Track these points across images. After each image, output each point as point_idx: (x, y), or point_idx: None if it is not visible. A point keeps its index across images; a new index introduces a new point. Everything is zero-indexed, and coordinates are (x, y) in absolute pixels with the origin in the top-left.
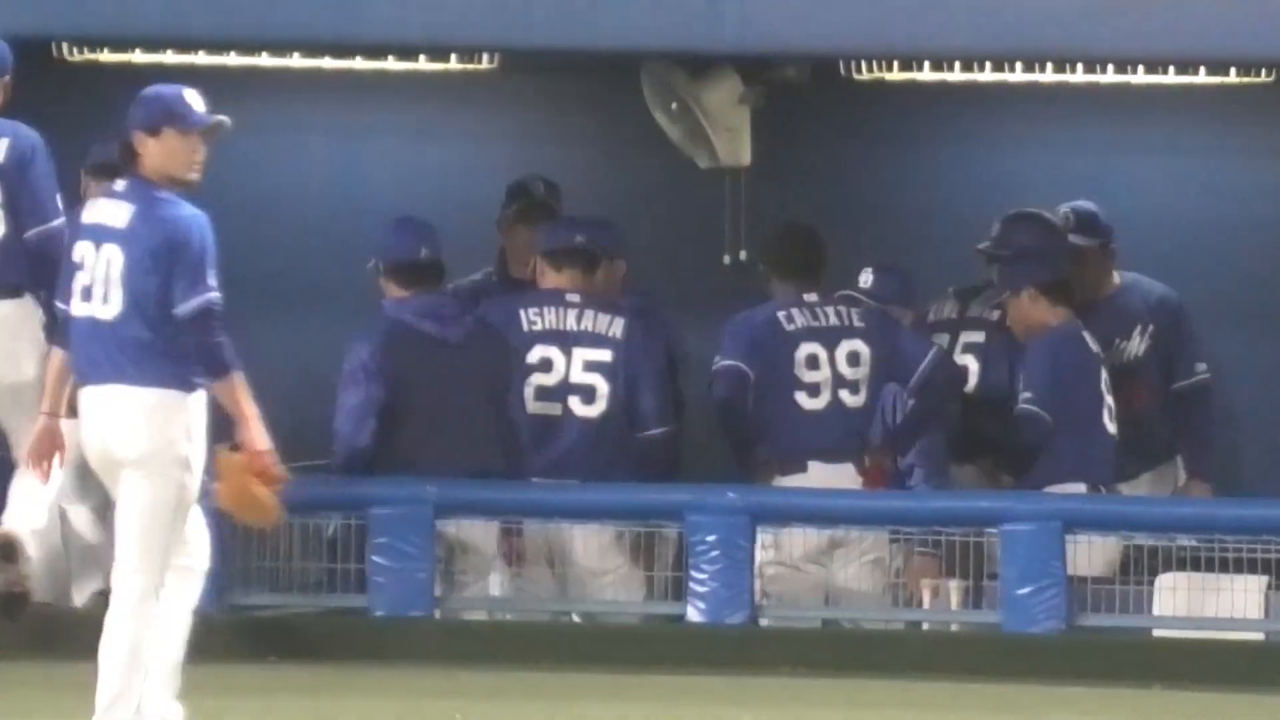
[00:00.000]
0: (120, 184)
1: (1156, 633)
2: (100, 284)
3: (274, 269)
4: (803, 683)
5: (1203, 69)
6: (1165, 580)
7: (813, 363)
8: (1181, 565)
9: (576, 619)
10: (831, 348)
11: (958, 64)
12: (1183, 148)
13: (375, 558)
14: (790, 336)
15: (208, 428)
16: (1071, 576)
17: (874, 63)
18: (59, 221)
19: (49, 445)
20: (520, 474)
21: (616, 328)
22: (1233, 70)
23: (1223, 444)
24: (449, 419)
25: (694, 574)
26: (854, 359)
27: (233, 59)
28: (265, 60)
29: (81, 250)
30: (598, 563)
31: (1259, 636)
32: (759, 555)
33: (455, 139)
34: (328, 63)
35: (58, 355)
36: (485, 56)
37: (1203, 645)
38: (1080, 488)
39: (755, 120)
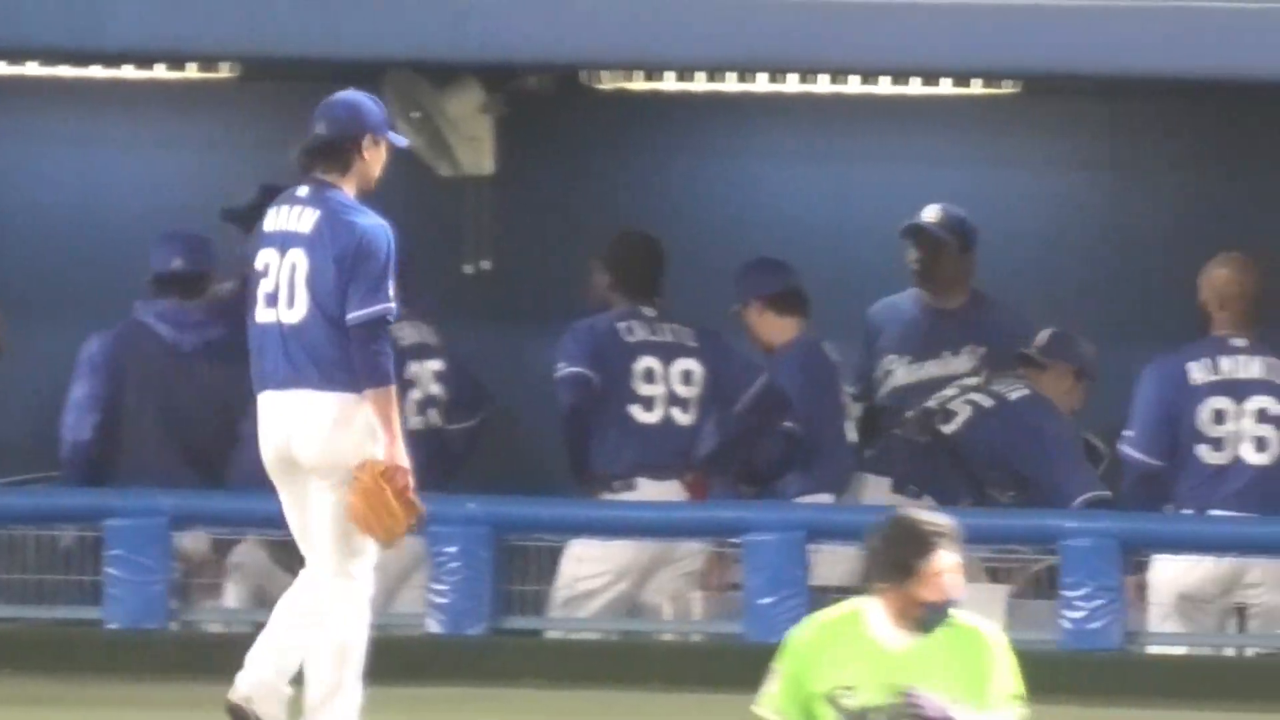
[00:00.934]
0: (303, 190)
1: None
2: (285, 288)
3: (16, 278)
4: (542, 694)
5: (948, 80)
6: None
7: (649, 376)
8: None
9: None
10: (667, 363)
11: (702, 74)
12: (930, 158)
13: (110, 569)
14: (630, 348)
15: None
16: (814, 587)
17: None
18: None
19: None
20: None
21: (430, 334)
22: (979, 81)
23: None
24: (174, 425)
25: (434, 585)
26: (687, 377)
27: None
28: (1, 69)
29: (265, 258)
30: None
31: None
32: (568, 569)
33: (197, 148)
34: (66, 71)
35: None
36: (225, 64)
37: None
38: (828, 499)
39: (499, 129)
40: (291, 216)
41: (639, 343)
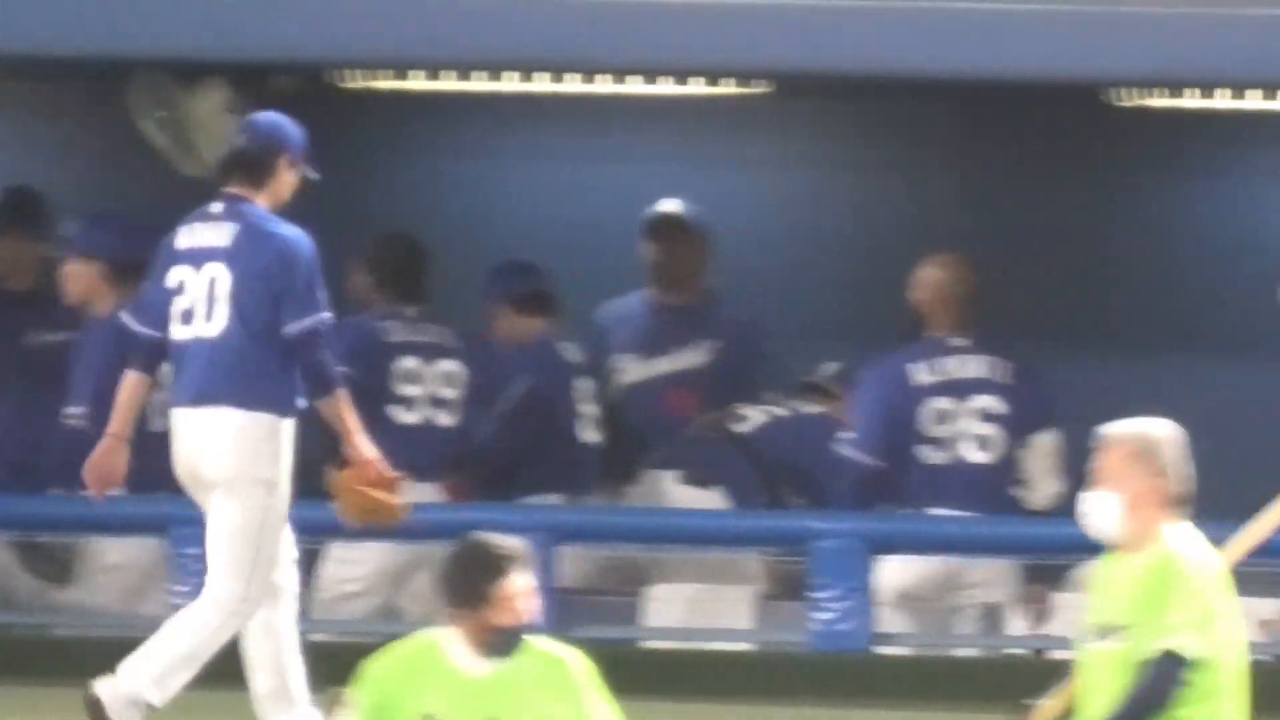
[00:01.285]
0: (216, 206)
1: (647, 644)
2: (203, 304)
3: None
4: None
5: (700, 79)
6: (657, 591)
7: (410, 377)
8: (681, 576)
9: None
10: (429, 364)
11: (451, 73)
12: (683, 158)
13: None
14: (390, 348)
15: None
16: (561, 589)
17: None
18: None
19: (109, 466)
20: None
21: None
22: (730, 81)
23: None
24: None
25: (179, 588)
26: (448, 378)
27: None
28: None
29: (179, 275)
30: None
31: (749, 647)
32: (328, 571)
33: None
34: None
35: (131, 377)
36: None
37: (694, 656)
38: (555, 498)
39: None
40: (206, 232)
41: (400, 343)
